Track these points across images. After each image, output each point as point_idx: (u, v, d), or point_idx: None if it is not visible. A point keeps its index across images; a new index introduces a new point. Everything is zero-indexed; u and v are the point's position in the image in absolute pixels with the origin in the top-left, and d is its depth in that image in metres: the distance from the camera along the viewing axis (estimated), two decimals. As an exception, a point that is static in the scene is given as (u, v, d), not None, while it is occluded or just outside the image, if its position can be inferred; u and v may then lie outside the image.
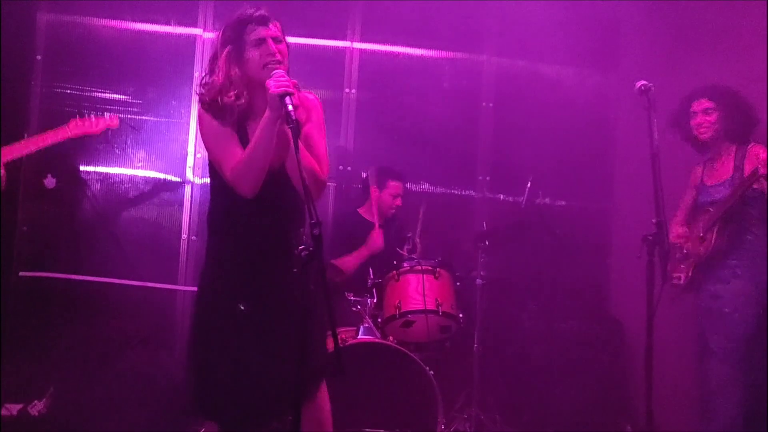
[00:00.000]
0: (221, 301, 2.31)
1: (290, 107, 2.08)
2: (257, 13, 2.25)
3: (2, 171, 2.95)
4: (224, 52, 2.25)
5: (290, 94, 2.11)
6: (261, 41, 2.23)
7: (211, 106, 2.25)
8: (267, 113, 2.17)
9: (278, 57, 2.23)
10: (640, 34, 4.38)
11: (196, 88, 2.33)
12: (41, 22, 4.13)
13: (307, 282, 2.13)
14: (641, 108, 2.59)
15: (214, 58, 2.30)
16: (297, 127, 2.08)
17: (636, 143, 4.14)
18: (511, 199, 4.46)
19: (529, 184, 3.88)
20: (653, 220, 2.52)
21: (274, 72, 2.18)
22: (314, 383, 2.33)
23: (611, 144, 4.59)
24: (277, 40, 2.26)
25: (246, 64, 2.24)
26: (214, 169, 2.33)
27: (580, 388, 3.83)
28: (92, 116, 2.98)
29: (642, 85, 2.61)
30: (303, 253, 1.99)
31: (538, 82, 4.50)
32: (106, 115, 3.02)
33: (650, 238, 2.53)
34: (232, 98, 2.22)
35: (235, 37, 2.25)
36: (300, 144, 2.15)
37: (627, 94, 4.39)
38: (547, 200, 4.47)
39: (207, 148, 2.33)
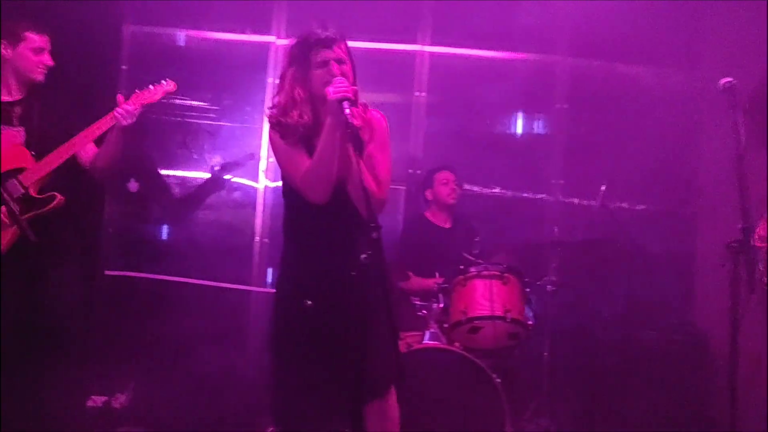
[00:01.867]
0: (291, 304, 2.38)
1: (347, 111, 2.10)
2: (323, 36, 2.30)
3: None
4: (289, 73, 2.33)
5: (348, 99, 2.14)
6: (325, 63, 2.28)
7: (277, 125, 2.33)
8: (328, 119, 2.22)
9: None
10: (724, 30, 4.13)
11: (265, 109, 2.43)
12: (126, 34, 4.33)
13: (369, 286, 2.16)
14: (725, 107, 2.45)
15: (282, 78, 2.38)
16: (358, 146, 2.11)
17: (721, 144, 3.92)
18: (586, 203, 4.30)
19: (603, 188, 3.73)
20: (739, 226, 2.37)
21: (334, 79, 2.22)
22: (378, 388, 2.33)
23: (694, 145, 4.35)
24: (340, 61, 2.30)
25: (310, 84, 2.31)
26: (285, 179, 2.41)
27: (659, 403, 3.66)
28: (150, 86, 3.12)
29: (726, 82, 2.48)
30: (363, 257, 2.00)
31: (614, 82, 4.33)
32: (164, 82, 3.14)
33: (734, 245, 2.37)
34: (295, 118, 2.30)
35: (300, 57, 2.32)
36: (360, 163, 2.16)
37: (710, 92, 4.16)
38: (625, 205, 4.29)
39: (278, 164, 2.42)
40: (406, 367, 2.41)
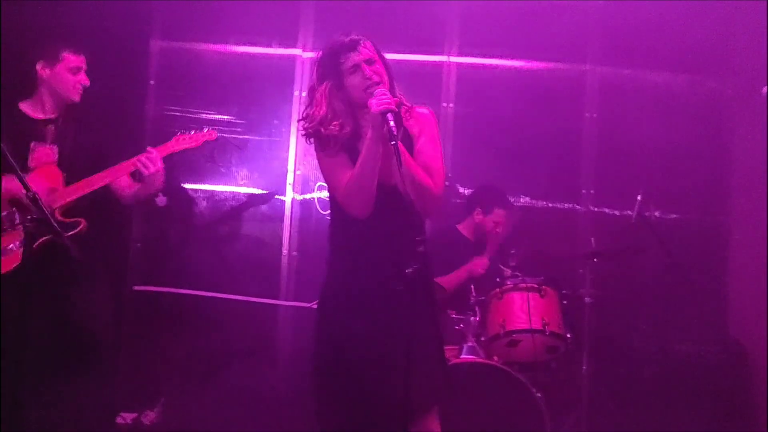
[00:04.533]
0: (337, 319, 2.35)
1: (392, 123, 2.08)
2: (346, 40, 2.28)
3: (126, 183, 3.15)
4: (323, 87, 2.30)
5: (392, 111, 2.12)
6: (356, 67, 2.26)
7: (313, 137, 2.31)
8: (369, 133, 2.20)
9: (375, 79, 2.25)
10: (756, 37, 4.09)
11: (298, 124, 2.41)
12: (154, 49, 4.34)
13: (415, 301, 2.13)
14: (764, 114, 2.41)
15: (312, 91, 2.35)
16: (407, 143, 2.08)
17: (754, 152, 3.88)
18: (617, 212, 4.26)
19: (639, 197, 3.68)
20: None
21: (376, 91, 2.19)
22: (424, 406, 2.29)
23: (727, 153, 4.30)
24: (370, 61, 2.27)
25: (348, 92, 2.29)
26: (330, 191, 2.40)
27: (697, 416, 3.60)
28: (192, 132, 3.15)
29: (769, 90, 2.43)
30: (409, 271, 1.98)
31: (645, 90, 4.29)
32: (205, 129, 3.17)
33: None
34: (337, 129, 2.28)
35: (332, 69, 2.29)
36: (410, 159, 2.14)
37: (744, 100, 4.12)
38: (657, 213, 4.23)
39: (322, 175, 2.41)
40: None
